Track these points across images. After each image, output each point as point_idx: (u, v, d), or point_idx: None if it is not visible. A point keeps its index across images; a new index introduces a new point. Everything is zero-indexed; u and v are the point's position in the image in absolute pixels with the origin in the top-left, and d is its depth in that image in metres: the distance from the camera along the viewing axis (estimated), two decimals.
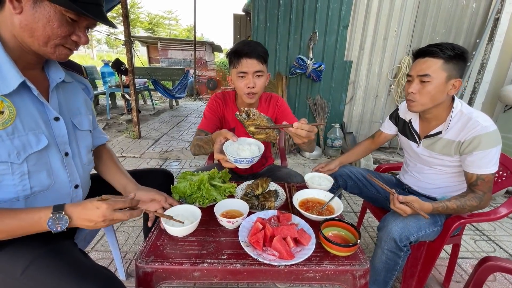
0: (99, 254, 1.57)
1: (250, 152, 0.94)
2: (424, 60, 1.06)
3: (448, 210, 1.05)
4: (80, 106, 0.93)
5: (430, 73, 1.04)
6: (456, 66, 1.02)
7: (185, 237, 0.88)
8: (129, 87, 3.45)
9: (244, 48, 1.16)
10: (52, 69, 0.84)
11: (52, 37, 0.70)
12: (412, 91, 1.10)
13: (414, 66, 1.10)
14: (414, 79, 1.09)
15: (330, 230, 0.91)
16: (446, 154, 1.14)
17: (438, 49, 1.02)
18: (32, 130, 0.73)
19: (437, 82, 1.04)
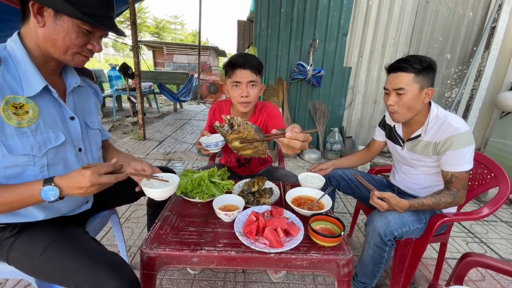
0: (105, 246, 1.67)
1: (216, 139, 1.22)
2: (397, 75, 1.15)
3: (424, 207, 1.13)
4: (91, 107, 1.04)
5: (403, 86, 1.13)
6: (426, 77, 1.11)
7: (185, 227, 0.97)
8: (135, 90, 3.58)
9: (238, 60, 1.25)
10: (69, 75, 0.94)
11: (70, 46, 0.79)
12: (390, 104, 1.19)
13: (389, 80, 1.19)
14: (391, 92, 1.18)
15: (318, 224, 0.99)
16: (425, 155, 1.22)
17: (407, 64, 1.11)
18: (52, 128, 0.83)
19: (411, 93, 1.13)
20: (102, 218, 1.17)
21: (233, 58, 1.28)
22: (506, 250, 1.86)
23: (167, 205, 1.11)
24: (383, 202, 1.12)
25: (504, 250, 1.85)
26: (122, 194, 1.24)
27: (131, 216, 2.02)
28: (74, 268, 0.77)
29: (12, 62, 0.77)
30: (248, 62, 1.25)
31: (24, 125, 0.76)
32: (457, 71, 3.28)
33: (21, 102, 0.76)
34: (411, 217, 1.17)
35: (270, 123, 1.46)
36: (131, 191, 1.26)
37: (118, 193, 1.22)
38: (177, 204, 1.12)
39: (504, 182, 1.23)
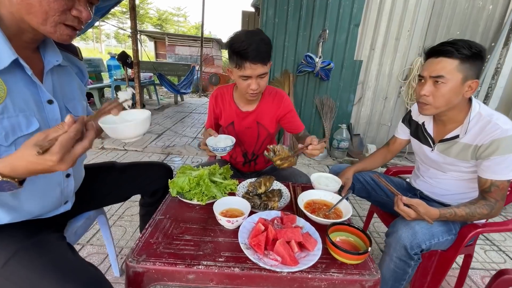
0: (94, 248, 1.53)
1: (224, 143, 1.14)
2: (438, 60, 0.97)
3: (456, 217, 0.98)
4: (74, 91, 0.88)
5: (444, 75, 0.95)
6: (473, 66, 0.94)
7: (180, 235, 0.82)
8: (134, 81, 3.41)
9: (248, 51, 1.04)
10: (49, 51, 0.78)
11: (50, 12, 0.63)
12: (424, 94, 1.02)
13: (427, 66, 1.02)
14: (427, 80, 1.01)
15: (338, 235, 0.84)
16: (462, 159, 1.06)
17: (453, 49, 0.94)
18: (23, 112, 0.68)
19: (452, 84, 0.96)
20: (86, 220, 1.03)
21: (242, 47, 1.04)
22: None
23: (160, 207, 0.96)
24: (411, 210, 0.96)
25: None
26: (111, 192, 1.10)
27: (124, 214, 1.88)
28: (41, 286, 0.62)
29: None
30: (259, 55, 1.06)
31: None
32: None
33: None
34: (440, 228, 1.02)
35: (289, 118, 1.37)
36: (121, 189, 1.10)
37: (105, 191, 1.08)
38: (172, 207, 0.97)
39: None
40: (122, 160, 2.80)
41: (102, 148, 3.08)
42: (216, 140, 1.17)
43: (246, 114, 1.34)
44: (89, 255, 1.48)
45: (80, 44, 28.19)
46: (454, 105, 1.01)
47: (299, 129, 1.41)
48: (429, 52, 1.03)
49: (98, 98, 5.05)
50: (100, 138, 3.35)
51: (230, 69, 1.19)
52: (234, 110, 1.34)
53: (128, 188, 1.13)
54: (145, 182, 1.15)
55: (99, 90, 5.12)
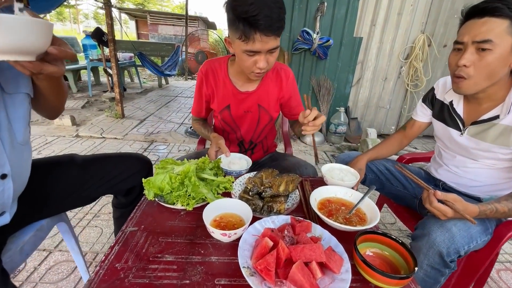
0: (63, 255, 1.30)
1: (239, 165, 0.98)
2: (483, 20, 0.76)
3: (497, 214, 0.81)
4: None
5: (492, 39, 0.75)
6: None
7: (158, 255, 0.61)
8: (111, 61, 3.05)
9: (259, 19, 0.77)
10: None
11: None
12: (465, 63, 0.81)
13: (468, 29, 0.80)
14: (468, 47, 0.80)
15: (367, 247, 0.65)
16: (501, 144, 0.88)
17: (504, 5, 0.73)
18: None
19: (501, 50, 0.76)
20: (37, 232, 0.79)
21: (250, 12, 0.76)
22: None
23: (134, 214, 0.73)
24: (446, 207, 0.78)
25: None
26: (71, 194, 0.86)
27: (100, 212, 1.64)
28: None
29: None
30: (273, 25, 0.79)
31: None
32: None
33: None
34: (478, 227, 0.85)
35: (292, 103, 1.17)
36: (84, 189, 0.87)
37: (63, 193, 0.84)
38: (149, 213, 0.74)
39: None
40: (99, 150, 2.51)
41: (77, 136, 2.77)
42: (228, 160, 0.99)
43: (245, 95, 1.09)
44: (57, 263, 1.26)
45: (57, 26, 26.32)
46: (498, 79, 0.82)
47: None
48: (470, 12, 0.81)
49: (74, 82, 4.62)
50: (74, 125, 3.02)
51: (231, 40, 0.90)
52: (230, 90, 1.08)
53: (94, 188, 0.89)
54: (116, 179, 0.92)
55: (74, 73, 4.68)
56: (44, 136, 2.76)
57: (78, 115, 3.42)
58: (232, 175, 0.89)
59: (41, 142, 2.62)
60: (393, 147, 1.23)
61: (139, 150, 2.57)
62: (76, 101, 4.05)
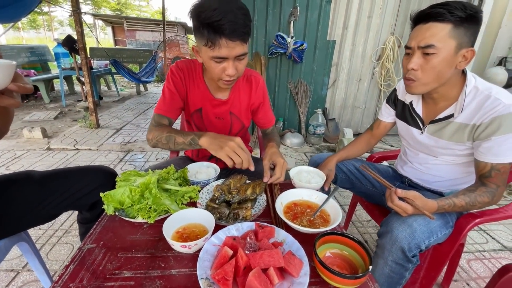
0: (32, 275, 1.23)
1: (207, 174, 0.97)
2: (428, 26, 0.81)
3: (455, 208, 0.85)
4: None
5: (435, 43, 0.79)
6: (468, 32, 0.78)
7: (116, 272, 0.59)
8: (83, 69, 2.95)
9: (223, 24, 0.76)
10: None
11: None
12: (412, 67, 0.85)
13: (415, 34, 0.85)
14: (415, 52, 0.85)
15: (328, 248, 0.66)
16: (457, 141, 0.93)
17: (445, 10, 0.78)
18: None
19: (444, 53, 0.80)
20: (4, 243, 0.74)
21: (214, 17, 0.76)
22: (506, 237, 1.72)
23: (93, 230, 0.71)
24: (407, 204, 0.81)
25: (504, 238, 1.71)
26: (30, 212, 0.82)
27: (72, 228, 1.57)
28: None
29: None
30: (238, 30, 0.78)
31: None
32: None
33: None
34: (438, 222, 0.89)
35: (261, 111, 1.18)
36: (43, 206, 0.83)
37: (20, 211, 0.80)
38: (110, 229, 0.72)
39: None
40: (72, 163, 2.42)
41: (48, 149, 2.65)
42: (196, 170, 0.98)
43: (218, 102, 1.07)
44: (25, 284, 1.19)
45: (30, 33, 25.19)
46: (446, 79, 0.86)
47: (270, 123, 1.21)
48: (416, 18, 0.85)
49: (46, 92, 4.43)
50: (46, 138, 2.89)
51: (197, 47, 0.89)
52: (204, 93, 1.05)
53: (54, 204, 0.85)
54: (78, 194, 0.88)
55: (46, 82, 4.49)
56: (13, 150, 2.62)
57: (50, 127, 3.27)
58: (199, 185, 0.88)
59: (10, 157, 2.49)
60: (362, 147, 1.27)
61: (114, 161, 2.49)
62: (49, 112, 3.88)
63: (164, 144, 0.95)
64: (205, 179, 0.91)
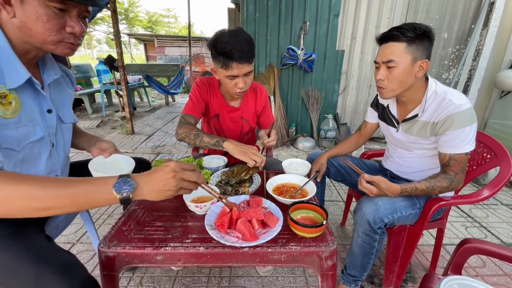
0: (84, 246, 1.58)
1: (217, 163, 1.24)
2: (387, 45, 1.02)
3: (417, 191, 1.03)
4: (65, 99, 0.95)
5: (394, 58, 1.00)
6: (421, 47, 0.98)
7: (151, 222, 0.87)
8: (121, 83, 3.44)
9: (234, 52, 1.06)
10: (48, 65, 0.86)
11: (46, 33, 0.69)
12: (380, 78, 1.07)
13: (379, 52, 1.07)
14: (381, 66, 1.06)
15: (300, 213, 0.89)
16: (422, 136, 1.12)
17: (398, 32, 0.98)
18: (32, 121, 0.77)
19: (402, 66, 1.00)
20: (67, 216, 1.07)
21: (227, 47, 1.06)
22: (507, 234, 1.78)
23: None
24: (373, 186, 1.02)
25: (505, 234, 1.77)
26: None
27: (114, 213, 1.93)
28: (17, 268, 0.67)
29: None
30: (245, 55, 1.08)
31: (9, 116, 0.70)
32: (455, 50, 3.15)
33: (4, 92, 0.69)
34: (403, 202, 1.07)
35: (263, 115, 1.46)
36: None
37: None
38: None
39: (506, 161, 1.12)
40: None
41: None
42: (209, 160, 1.25)
43: (232, 109, 1.38)
44: (79, 252, 1.53)
45: None
46: (409, 85, 1.06)
47: (270, 122, 1.48)
48: (379, 39, 1.07)
49: (89, 104, 5.08)
50: None
51: (215, 69, 1.21)
52: (221, 102, 1.36)
53: None
54: None
55: (89, 96, 5.15)
56: None
57: (93, 134, 3.80)
58: (211, 170, 1.16)
59: None
60: (351, 145, 1.47)
61: None
62: (92, 121, 4.48)
63: (191, 140, 1.23)
64: (215, 166, 1.19)
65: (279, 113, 3.27)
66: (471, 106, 0.99)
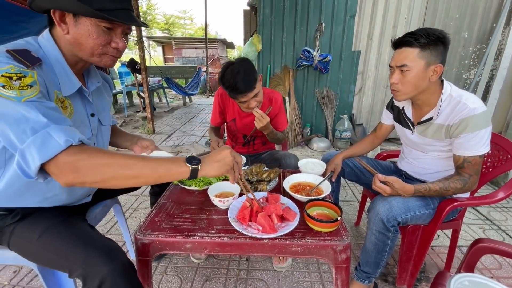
0: (113, 237, 1.71)
1: None
2: (401, 50, 1.06)
3: (430, 192, 1.06)
4: (105, 103, 1.06)
5: (407, 63, 1.04)
6: (434, 52, 1.01)
7: (180, 214, 0.97)
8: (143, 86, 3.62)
9: (237, 87, 1.24)
10: (92, 74, 0.97)
11: (94, 47, 0.79)
12: (394, 82, 1.10)
13: (393, 57, 1.10)
14: (395, 70, 1.10)
15: (315, 210, 0.95)
16: (437, 138, 1.14)
17: (412, 38, 1.02)
18: (83, 123, 0.88)
19: (416, 70, 1.04)
20: (104, 207, 1.19)
21: (232, 84, 1.25)
22: None
23: (164, 193, 1.11)
24: (386, 186, 1.06)
25: None
26: None
27: (139, 207, 2.06)
28: (67, 252, 0.77)
29: (49, 62, 0.79)
30: (247, 87, 1.25)
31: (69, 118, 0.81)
32: (476, 50, 3.06)
33: (62, 97, 0.81)
34: (417, 202, 1.10)
35: (278, 118, 1.58)
36: None
37: None
38: (174, 192, 1.12)
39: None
40: None
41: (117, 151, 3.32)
42: None
43: (246, 114, 1.53)
44: None
45: None
46: (423, 89, 1.09)
47: (281, 128, 1.59)
48: (393, 44, 1.11)
49: (112, 104, 5.34)
50: None
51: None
52: (236, 110, 1.54)
53: None
54: None
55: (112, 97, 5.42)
56: None
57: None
58: None
59: None
60: (366, 146, 1.51)
61: None
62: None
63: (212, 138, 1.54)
64: None
65: (294, 114, 3.32)
66: (486, 109, 1.01)
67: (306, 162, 1.29)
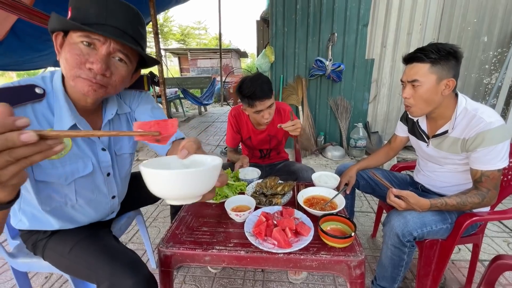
0: (134, 245, 1.80)
1: (252, 176, 1.39)
2: (412, 65, 1.07)
3: (447, 207, 1.05)
4: None
5: (418, 78, 1.05)
6: (446, 66, 1.01)
7: (199, 227, 1.02)
8: (161, 97, 3.79)
9: (256, 93, 1.31)
10: (109, 104, 0.90)
11: (67, 67, 0.69)
12: (406, 96, 1.11)
13: (405, 72, 1.12)
14: (406, 85, 1.11)
15: (329, 225, 0.97)
16: (453, 152, 1.13)
17: (422, 54, 1.03)
18: (82, 158, 0.84)
19: (427, 85, 1.04)
20: (127, 219, 1.27)
21: (250, 90, 1.31)
22: None
23: (184, 206, 1.17)
24: (401, 200, 1.07)
25: None
26: (145, 196, 1.33)
27: (158, 216, 2.15)
28: (95, 265, 0.83)
29: (53, 95, 0.77)
30: (266, 94, 1.32)
31: (54, 158, 0.76)
32: (496, 54, 2.97)
33: None
34: (433, 217, 1.09)
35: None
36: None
37: (141, 196, 1.31)
38: (193, 205, 1.17)
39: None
40: None
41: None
42: (244, 172, 1.44)
43: (259, 132, 1.61)
44: None
45: None
46: (436, 103, 1.09)
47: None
48: (404, 60, 1.13)
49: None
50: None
51: (244, 108, 1.47)
52: (250, 128, 1.62)
53: None
54: None
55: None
56: None
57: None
58: (247, 182, 1.29)
59: None
60: (380, 158, 1.51)
61: None
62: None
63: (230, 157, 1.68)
64: (250, 178, 1.32)
65: (307, 123, 3.34)
66: (503, 123, 1.00)
67: (319, 175, 1.31)
